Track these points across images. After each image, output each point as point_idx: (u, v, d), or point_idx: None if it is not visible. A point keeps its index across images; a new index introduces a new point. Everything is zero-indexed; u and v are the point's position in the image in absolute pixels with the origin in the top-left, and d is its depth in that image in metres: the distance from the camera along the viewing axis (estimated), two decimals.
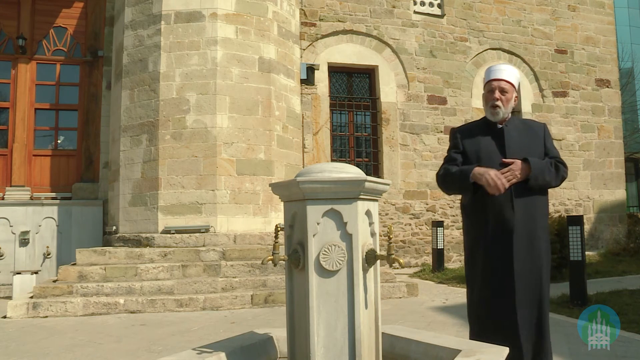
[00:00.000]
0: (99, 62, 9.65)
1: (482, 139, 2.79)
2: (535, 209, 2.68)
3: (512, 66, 2.94)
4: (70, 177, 9.52)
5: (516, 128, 2.81)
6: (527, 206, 2.65)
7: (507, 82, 2.80)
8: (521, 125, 2.86)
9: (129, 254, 7.07)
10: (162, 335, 4.84)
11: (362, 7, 10.55)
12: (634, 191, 21.41)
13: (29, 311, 5.89)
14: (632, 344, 4.00)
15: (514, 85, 2.82)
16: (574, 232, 5.72)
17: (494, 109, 2.77)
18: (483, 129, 2.84)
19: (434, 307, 6.01)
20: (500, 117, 2.78)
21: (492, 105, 2.78)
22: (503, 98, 2.78)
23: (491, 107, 2.78)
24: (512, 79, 2.82)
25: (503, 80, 2.79)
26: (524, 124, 2.91)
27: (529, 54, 11.70)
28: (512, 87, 2.81)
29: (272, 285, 6.63)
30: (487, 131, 2.81)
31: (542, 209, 2.74)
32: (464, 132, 2.89)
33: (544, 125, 2.90)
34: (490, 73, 2.85)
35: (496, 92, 2.77)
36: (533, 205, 2.68)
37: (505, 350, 2.08)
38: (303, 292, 1.95)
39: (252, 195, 7.87)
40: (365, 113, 10.71)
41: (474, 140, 2.81)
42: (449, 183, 2.81)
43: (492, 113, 2.79)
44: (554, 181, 2.73)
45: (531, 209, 2.67)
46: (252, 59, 8.10)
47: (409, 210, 10.46)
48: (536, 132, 2.83)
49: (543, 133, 2.84)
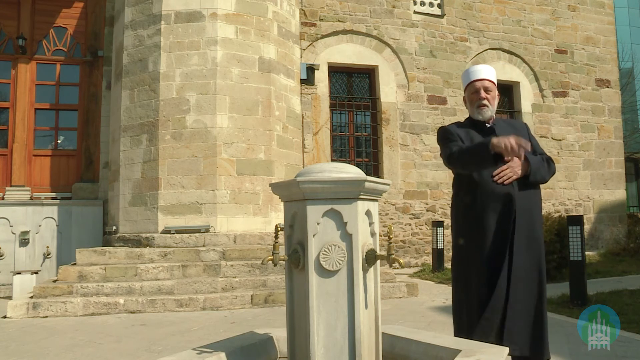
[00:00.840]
0: (99, 62, 9.65)
1: (476, 136, 2.81)
2: (533, 204, 2.73)
3: (487, 65, 2.98)
4: (70, 177, 9.52)
5: (503, 127, 2.85)
6: (527, 202, 2.69)
7: (489, 82, 2.84)
8: (506, 125, 2.91)
9: (129, 254, 7.07)
10: (162, 335, 4.84)
11: (362, 7, 10.55)
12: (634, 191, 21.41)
13: (29, 311, 5.89)
14: (632, 344, 4.00)
15: (494, 84, 2.88)
16: (574, 232, 5.72)
17: (481, 109, 2.81)
18: (473, 128, 2.86)
19: (434, 307, 6.01)
20: (488, 115, 2.83)
21: (478, 105, 2.82)
22: (488, 97, 2.83)
23: (478, 107, 2.82)
24: (493, 77, 2.88)
25: (486, 80, 2.83)
26: (508, 123, 2.98)
27: (529, 54, 11.70)
28: (494, 86, 2.87)
29: (272, 285, 6.63)
30: (478, 130, 2.84)
31: (539, 205, 2.79)
32: (455, 129, 2.90)
33: (525, 125, 3.00)
34: (471, 74, 2.89)
35: (481, 92, 2.82)
36: (531, 201, 2.72)
37: (505, 350, 2.08)
38: (303, 292, 1.95)
39: (252, 195, 7.87)
40: (365, 113, 10.71)
41: (468, 137, 2.82)
42: (466, 159, 2.72)
43: (479, 112, 2.83)
44: (547, 176, 2.79)
45: (530, 205, 2.70)
46: (252, 59, 8.10)
47: (409, 210, 10.46)
48: (520, 130, 2.87)
49: (527, 131, 2.91)
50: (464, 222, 2.78)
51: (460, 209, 2.81)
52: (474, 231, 2.70)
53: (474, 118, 2.86)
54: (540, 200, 2.82)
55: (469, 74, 2.89)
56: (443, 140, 2.89)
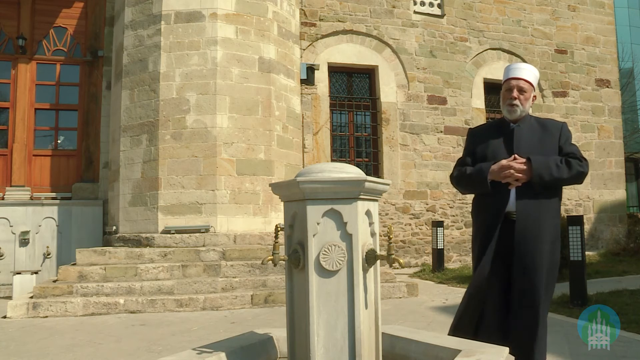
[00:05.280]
0: (99, 62, 9.65)
1: (493, 140, 2.82)
2: (539, 210, 2.64)
3: (532, 66, 2.95)
4: (70, 177, 9.52)
5: (530, 128, 2.80)
6: (530, 207, 2.63)
7: (525, 82, 2.80)
8: (536, 125, 2.84)
9: (129, 254, 7.07)
10: (162, 335, 4.84)
11: (362, 7, 10.55)
12: (634, 191, 21.39)
13: (29, 311, 5.89)
14: (632, 344, 4.00)
15: (532, 85, 2.82)
16: (574, 232, 5.72)
17: (511, 107, 2.79)
18: (496, 129, 2.87)
19: (434, 307, 6.01)
20: (517, 115, 2.79)
21: (509, 104, 2.79)
22: (521, 97, 2.78)
23: (508, 106, 2.80)
24: (532, 78, 2.83)
25: (522, 80, 2.79)
26: (539, 123, 2.87)
27: (529, 54, 11.70)
28: (530, 87, 2.81)
29: (272, 285, 6.63)
30: (500, 132, 2.84)
31: (549, 210, 2.68)
32: (476, 134, 2.95)
33: (562, 125, 2.84)
34: (509, 71, 2.86)
35: (514, 91, 2.78)
36: (537, 207, 2.64)
37: (505, 350, 2.08)
38: (303, 292, 1.95)
39: (252, 195, 7.87)
40: (365, 113, 10.71)
41: (485, 141, 2.84)
42: (464, 184, 2.88)
43: (509, 111, 2.80)
44: (566, 176, 2.65)
45: (534, 211, 2.63)
46: (252, 59, 8.10)
47: (409, 210, 10.46)
48: (551, 131, 2.79)
49: (559, 132, 2.79)
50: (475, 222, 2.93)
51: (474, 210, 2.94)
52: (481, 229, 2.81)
53: (504, 116, 2.86)
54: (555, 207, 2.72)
55: (508, 71, 2.88)
56: (463, 152, 3.03)
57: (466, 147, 2.97)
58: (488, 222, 2.69)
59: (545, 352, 2.67)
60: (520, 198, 2.64)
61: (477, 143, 2.87)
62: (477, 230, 2.82)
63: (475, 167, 2.78)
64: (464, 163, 2.89)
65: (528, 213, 2.63)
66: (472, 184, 2.81)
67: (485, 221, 2.73)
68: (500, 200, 2.67)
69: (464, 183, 2.86)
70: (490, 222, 2.68)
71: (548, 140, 2.76)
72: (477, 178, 2.73)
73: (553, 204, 2.72)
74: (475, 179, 2.75)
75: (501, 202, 2.66)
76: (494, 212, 2.67)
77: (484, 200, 2.78)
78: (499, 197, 2.67)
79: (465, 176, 2.81)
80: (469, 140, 2.96)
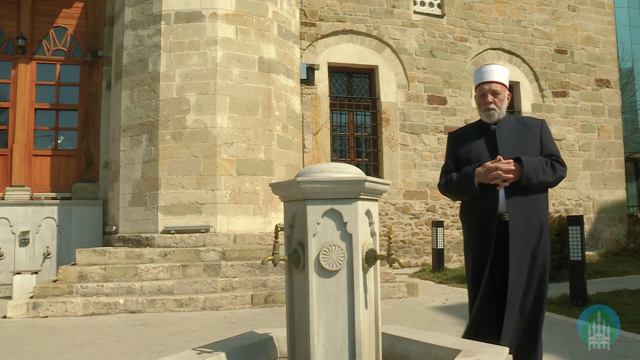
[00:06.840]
0: (99, 62, 9.65)
1: (475, 142, 2.81)
2: (530, 209, 2.67)
3: (498, 65, 2.94)
4: (70, 177, 9.52)
5: (510, 127, 2.81)
6: (521, 207, 2.65)
7: (498, 83, 2.80)
8: (516, 124, 2.85)
9: (129, 254, 7.07)
10: (162, 335, 4.84)
11: (362, 7, 10.55)
12: (634, 191, 21.39)
13: (29, 311, 5.89)
14: (632, 344, 4.00)
15: (505, 85, 2.83)
16: (574, 232, 5.71)
17: (489, 112, 2.80)
18: (477, 131, 2.87)
19: (434, 307, 6.01)
20: (495, 118, 2.81)
21: (485, 109, 2.80)
22: (496, 100, 2.79)
23: (485, 111, 2.81)
24: (503, 78, 2.83)
25: (494, 82, 2.80)
26: (519, 122, 2.89)
27: (529, 54, 11.70)
28: (503, 87, 2.83)
29: (272, 285, 6.63)
30: (481, 134, 2.83)
31: (540, 206, 2.72)
32: (458, 137, 2.95)
33: (541, 122, 2.86)
34: (480, 75, 2.86)
35: (489, 96, 2.79)
36: (528, 206, 2.66)
37: (505, 350, 2.09)
38: (303, 292, 1.95)
39: (252, 195, 7.87)
40: (365, 113, 10.71)
41: (467, 144, 2.84)
42: (453, 191, 2.88)
43: (487, 115, 2.82)
44: (550, 180, 2.70)
45: (526, 210, 2.65)
46: (252, 59, 8.10)
47: (409, 210, 10.46)
48: (532, 130, 2.81)
49: (540, 130, 2.81)
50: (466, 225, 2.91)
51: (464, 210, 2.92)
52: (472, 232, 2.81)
53: (483, 120, 2.86)
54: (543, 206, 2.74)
55: (479, 75, 2.87)
56: (445, 156, 3.02)
57: (448, 151, 2.96)
58: (480, 224, 2.69)
59: (542, 351, 2.68)
60: (510, 197, 2.65)
61: (459, 146, 2.87)
62: (468, 234, 2.82)
63: (460, 173, 2.77)
64: (448, 170, 2.89)
65: (520, 211, 2.64)
66: (460, 189, 2.81)
67: (477, 224, 2.72)
68: (490, 202, 2.66)
69: (453, 190, 2.86)
70: (483, 224, 2.67)
71: (529, 138, 2.78)
72: (464, 183, 2.73)
73: (542, 199, 2.75)
74: (462, 184, 2.74)
75: (492, 204, 2.66)
76: (486, 215, 2.67)
77: (472, 203, 2.77)
78: (489, 199, 2.67)
79: (453, 183, 2.80)
80: (451, 144, 2.94)
